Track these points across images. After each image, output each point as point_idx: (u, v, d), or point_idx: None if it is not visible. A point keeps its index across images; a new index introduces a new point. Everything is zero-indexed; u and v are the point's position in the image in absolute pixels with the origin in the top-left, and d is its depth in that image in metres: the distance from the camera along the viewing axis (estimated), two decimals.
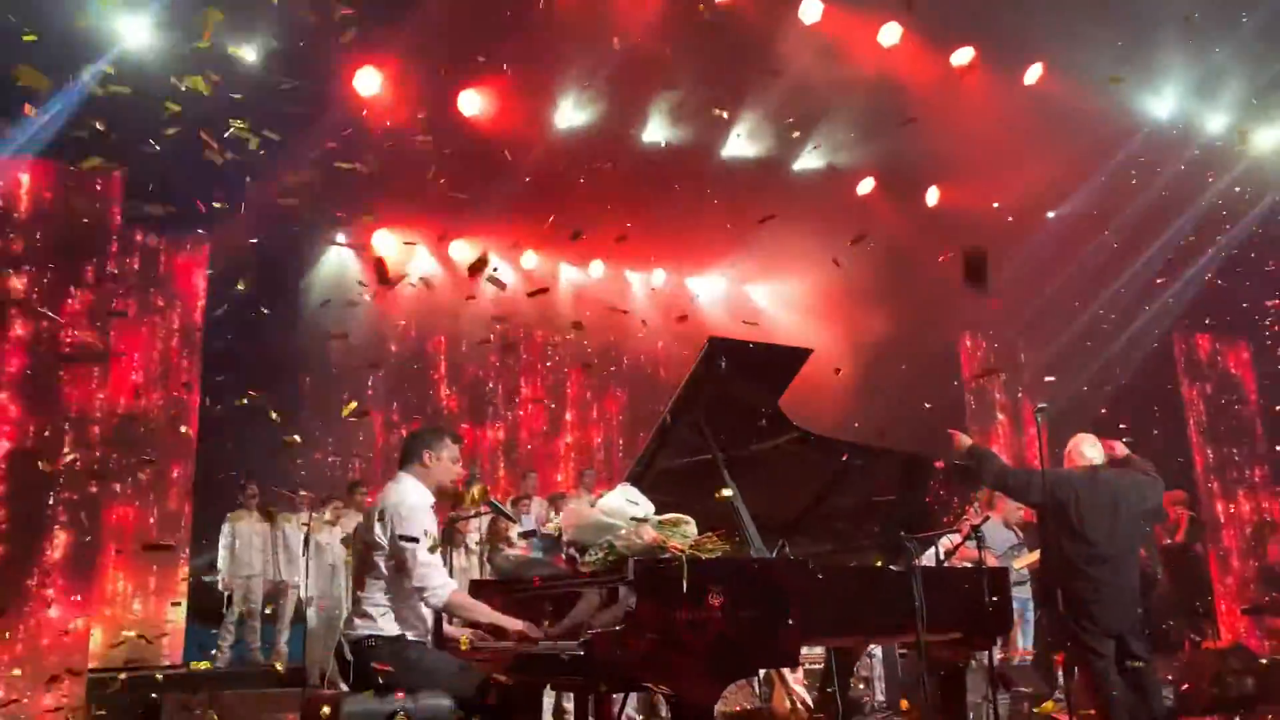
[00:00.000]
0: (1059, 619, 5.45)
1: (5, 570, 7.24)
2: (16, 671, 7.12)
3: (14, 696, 6.87)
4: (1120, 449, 5.76)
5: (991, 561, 5.76)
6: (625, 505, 3.93)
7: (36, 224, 7.78)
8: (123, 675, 7.67)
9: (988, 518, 7.80)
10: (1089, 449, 5.65)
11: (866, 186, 11.47)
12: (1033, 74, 9.93)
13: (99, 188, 8.03)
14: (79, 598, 7.71)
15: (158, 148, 6.90)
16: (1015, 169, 10.41)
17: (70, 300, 7.72)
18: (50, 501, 7.42)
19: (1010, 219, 11.26)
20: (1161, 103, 10.43)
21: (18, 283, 7.53)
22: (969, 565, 5.34)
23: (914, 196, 11.70)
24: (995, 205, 11.40)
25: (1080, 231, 11.50)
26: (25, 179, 7.79)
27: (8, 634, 7.03)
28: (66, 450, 7.57)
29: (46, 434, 7.41)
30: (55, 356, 7.45)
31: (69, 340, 7.55)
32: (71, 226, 7.76)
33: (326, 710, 3.71)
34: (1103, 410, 11.70)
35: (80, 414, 7.83)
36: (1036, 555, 7.72)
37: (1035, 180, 10.69)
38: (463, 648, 3.97)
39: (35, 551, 7.40)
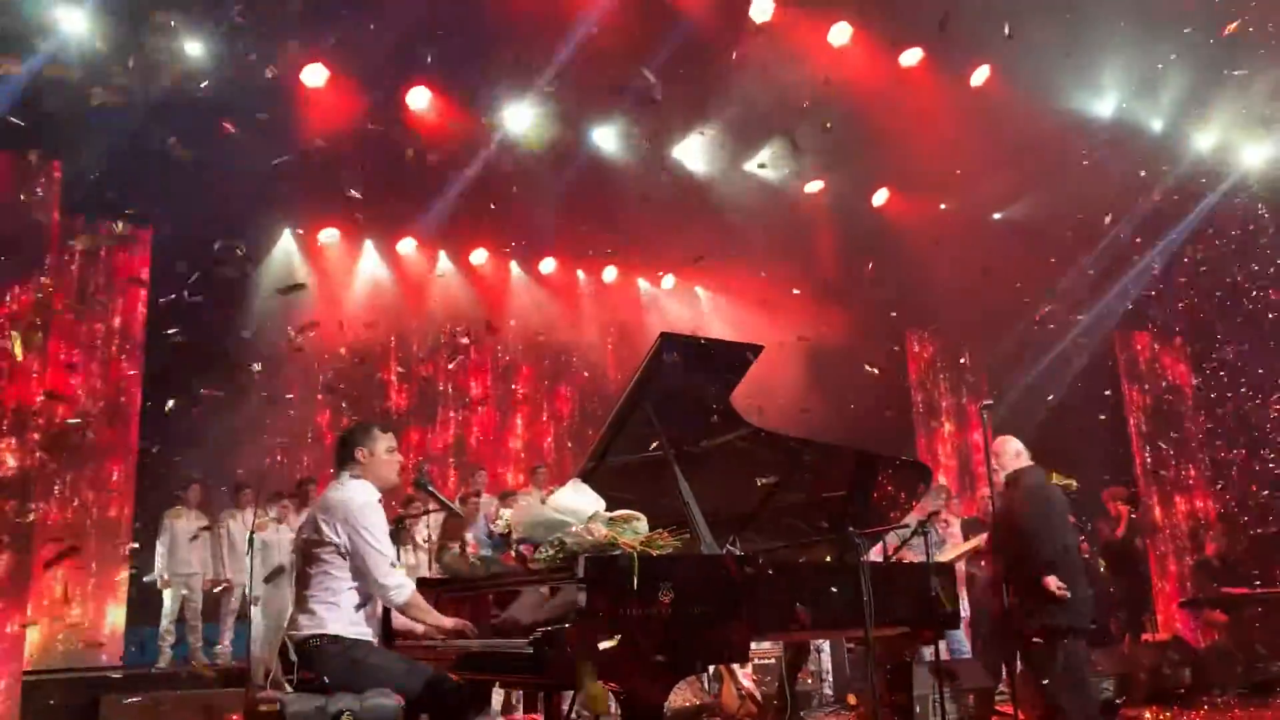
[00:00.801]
0: (1028, 615, 5.57)
1: None
2: None
3: None
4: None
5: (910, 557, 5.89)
6: (576, 502, 3.90)
7: None
8: (59, 677, 7.49)
9: (937, 511, 7.91)
10: (1018, 446, 5.84)
11: (815, 187, 11.56)
12: (980, 75, 10.06)
13: (39, 179, 7.80)
14: (13, 599, 7.51)
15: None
16: (962, 170, 10.56)
17: (8, 300, 7.50)
18: None
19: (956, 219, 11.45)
20: (1103, 102, 10.63)
21: None
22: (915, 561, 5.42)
23: (862, 197, 11.83)
24: (943, 206, 11.57)
25: (1025, 232, 11.69)
26: None
27: None
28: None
29: None
30: None
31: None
32: (10, 219, 7.54)
33: (269, 710, 3.64)
34: (1046, 409, 11.91)
35: (17, 411, 7.64)
36: (963, 548, 7.86)
37: (981, 181, 10.85)
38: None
39: None
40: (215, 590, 9.24)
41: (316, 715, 3.57)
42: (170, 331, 8.63)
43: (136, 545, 9.24)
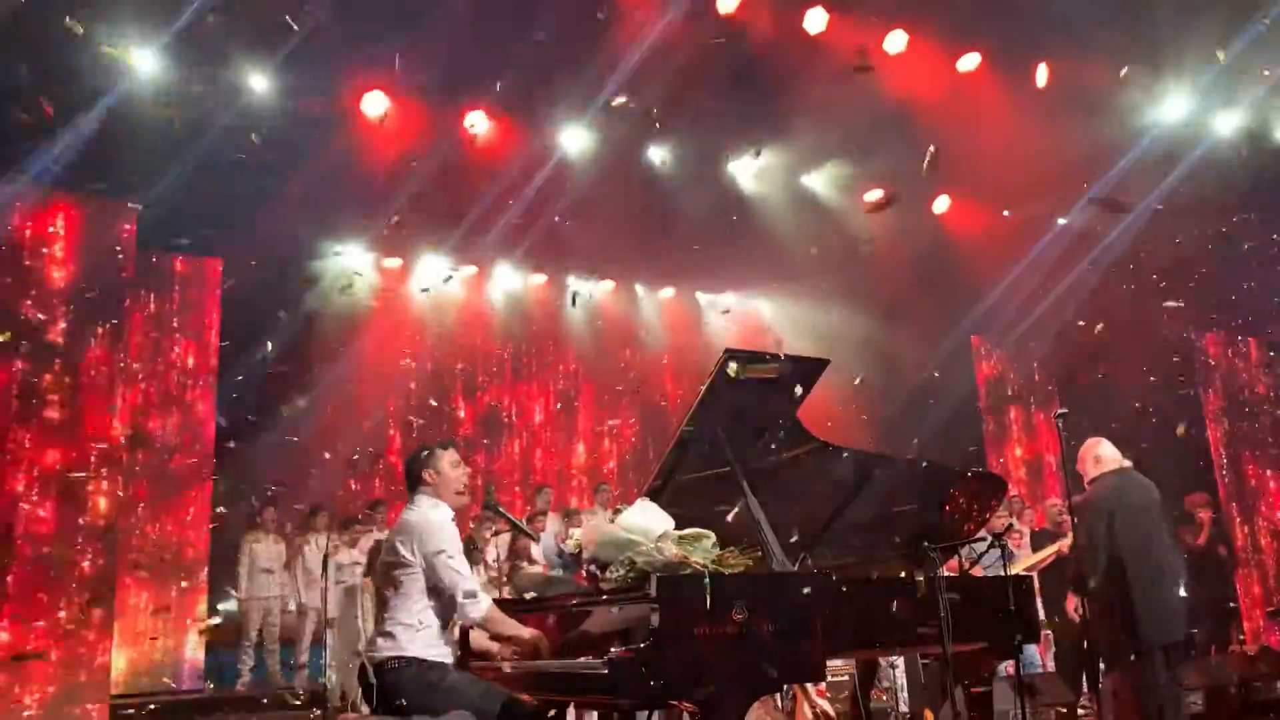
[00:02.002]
0: (1114, 629, 5.40)
1: (35, 594, 7.20)
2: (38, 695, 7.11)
3: None
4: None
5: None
6: (645, 521, 3.90)
7: (59, 258, 7.76)
8: (147, 704, 7.67)
9: (1011, 524, 7.76)
10: (1109, 451, 5.62)
11: (874, 195, 11.46)
12: (1041, 76, 9.89)
13: (116, 219, 8.03)
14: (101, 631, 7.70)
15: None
16: (1025, 175, 10.38)
17: (93, 343, 7.69)
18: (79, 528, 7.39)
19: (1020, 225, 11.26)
20: (1173, 104, 10.37)
21: (41, 314, 7.53)
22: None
23: (923, 205, 11.70)
24: (1005, 213, 11.38)
25: (1088, 235, 11.44)
26: (42, 212, 7.77)
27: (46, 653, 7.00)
28: (87, 474, 7.58)
29: (73, 461, 7.42)
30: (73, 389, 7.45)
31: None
32: (89, 258, 7.77)
33: None
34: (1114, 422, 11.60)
35: (101, 439, 7.84)
36: (1034, 559, 7.68)
37: (1045, 186, 10.65)
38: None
39: (64, 578, 7.37)
40: (292, 613, 9.40)
41: None
42: (246, 360, 8.83)
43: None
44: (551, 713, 4.20)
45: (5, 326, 7.31)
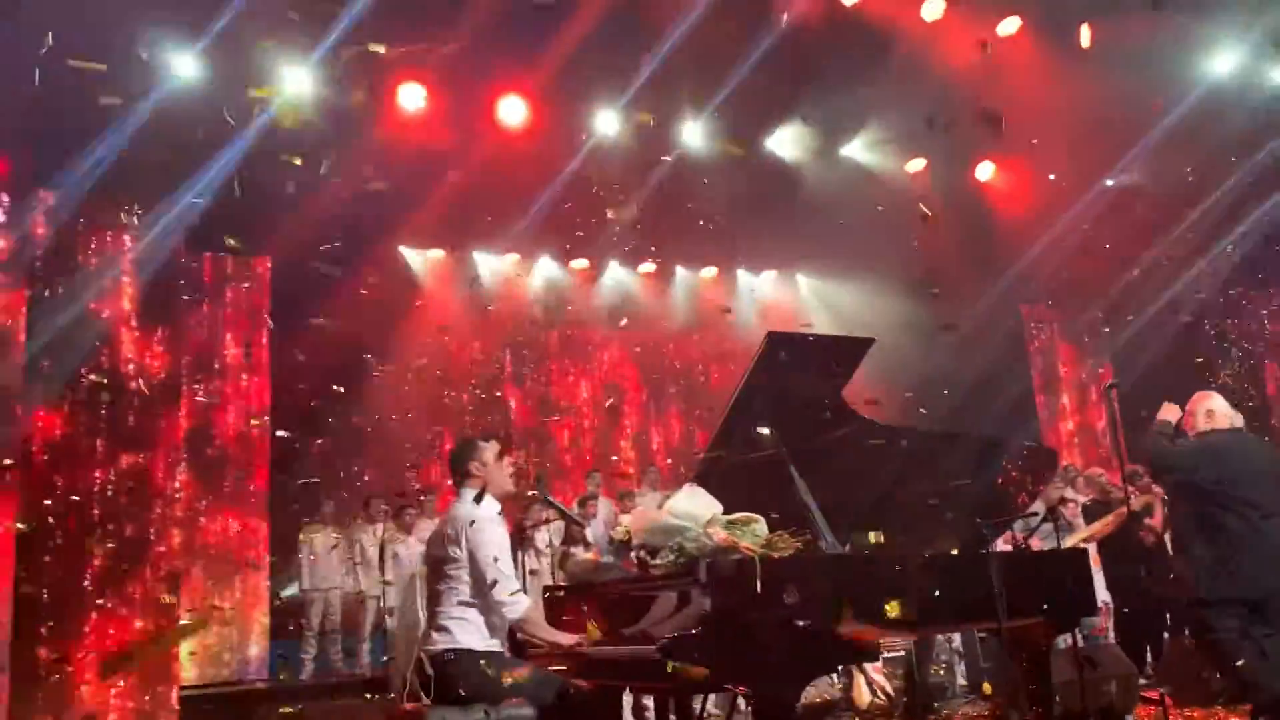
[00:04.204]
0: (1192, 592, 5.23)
1: (111, 582, 7.38)
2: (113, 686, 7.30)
3: (110, 712, 7.06)
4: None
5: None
6: (693, 506, 3.91)
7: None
8: (214, 694, 7.88)
9: (1064, 497, 7.65)
10: (1222, 405, 5.33)
11: (917, 166, 11.32)
12: (1084, 37, 9.66)
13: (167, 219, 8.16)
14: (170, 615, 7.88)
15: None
16: (1070, 136, 10.17)
17: (154, 343, 7.84)
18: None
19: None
20: (1221, 59, 10.08)
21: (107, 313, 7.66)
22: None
23: (965, 172, 11.53)
24: (1051, 177, 11.16)
25: (1138, 197, 11.19)
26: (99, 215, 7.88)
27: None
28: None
29: (140, 461, 7.59)
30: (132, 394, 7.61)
31: None
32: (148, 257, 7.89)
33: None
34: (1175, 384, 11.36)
35: (165, 438, 8.00)
36: (1085, 533, 7.55)
37: (1089, 147, 10.43)
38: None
39: (136, 573, 7.53)
40: (353, 601, 9.58)
41: None
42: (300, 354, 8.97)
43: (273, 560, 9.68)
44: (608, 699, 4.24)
45: (77, 333, 7.43)
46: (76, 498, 7.22)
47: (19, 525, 6.80)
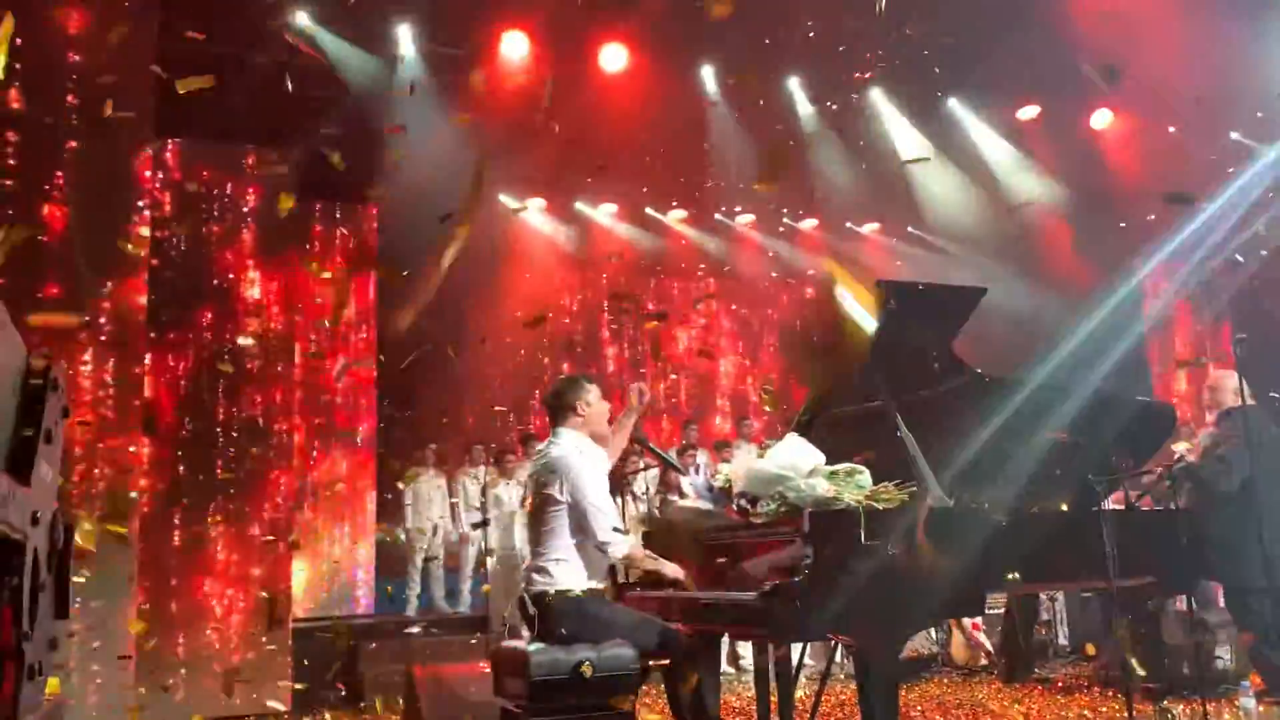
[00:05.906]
0: None
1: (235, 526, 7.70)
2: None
3: (222, 645, 7.40)
4: None
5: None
6: (795, 456, 3.89)
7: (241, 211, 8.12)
8: (325, 627, 8.21)
9: (1180, 456, 7.37)
10: (1234, 383, 5.21)
11: (1030, 113, 10.92)
12: None
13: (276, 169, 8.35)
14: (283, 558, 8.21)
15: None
16: (1195, 84, 9.61)
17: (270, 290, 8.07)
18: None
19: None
20: None
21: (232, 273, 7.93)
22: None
23: (1079, 121, 11.06)
24: (1171, 130, 10.59)
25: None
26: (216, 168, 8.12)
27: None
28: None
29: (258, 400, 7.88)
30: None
31: None
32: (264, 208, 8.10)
33: (513, 657, 3.86)
34: None
35: (282, 382, 8.28)
36: None
37: (1217, 95, 9.84)
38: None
39: (255, 510, 7.84)
40: (455, 542, 9.88)
41: (557, 664, 3.75)
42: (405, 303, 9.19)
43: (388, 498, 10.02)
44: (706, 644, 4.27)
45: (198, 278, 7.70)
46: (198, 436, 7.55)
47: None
